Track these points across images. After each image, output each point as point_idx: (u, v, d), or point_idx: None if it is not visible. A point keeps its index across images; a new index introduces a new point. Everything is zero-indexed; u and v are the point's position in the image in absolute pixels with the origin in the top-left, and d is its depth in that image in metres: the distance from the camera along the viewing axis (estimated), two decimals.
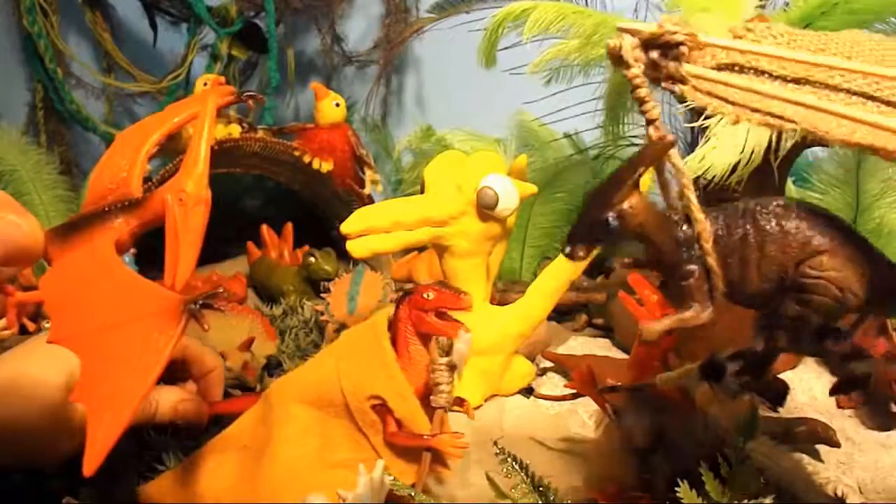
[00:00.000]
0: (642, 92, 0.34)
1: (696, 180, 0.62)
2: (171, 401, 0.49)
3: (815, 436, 0.55)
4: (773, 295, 0.38)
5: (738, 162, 0.60)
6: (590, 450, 0.55)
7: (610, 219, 0.36)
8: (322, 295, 0.77)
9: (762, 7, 0.68)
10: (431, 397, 0.44)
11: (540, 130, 1.03)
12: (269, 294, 0.89)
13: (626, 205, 0.36)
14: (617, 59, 0.33)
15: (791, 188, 0.80)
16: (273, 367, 0.69)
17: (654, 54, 0.32)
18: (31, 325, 0.79)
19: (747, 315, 0.65)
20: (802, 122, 0.31)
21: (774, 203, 0.38)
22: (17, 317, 0.74)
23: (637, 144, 0.94)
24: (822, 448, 0.56)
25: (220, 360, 0.55)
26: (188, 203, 0.38)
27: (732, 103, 0.32)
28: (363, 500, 0.40)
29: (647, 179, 0.59)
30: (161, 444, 0.51)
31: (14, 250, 0.35)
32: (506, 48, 0.75)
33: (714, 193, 0.64)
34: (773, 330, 0.41)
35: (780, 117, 0.31)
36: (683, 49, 0.32)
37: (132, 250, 0.79)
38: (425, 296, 0.44)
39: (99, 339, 0.35)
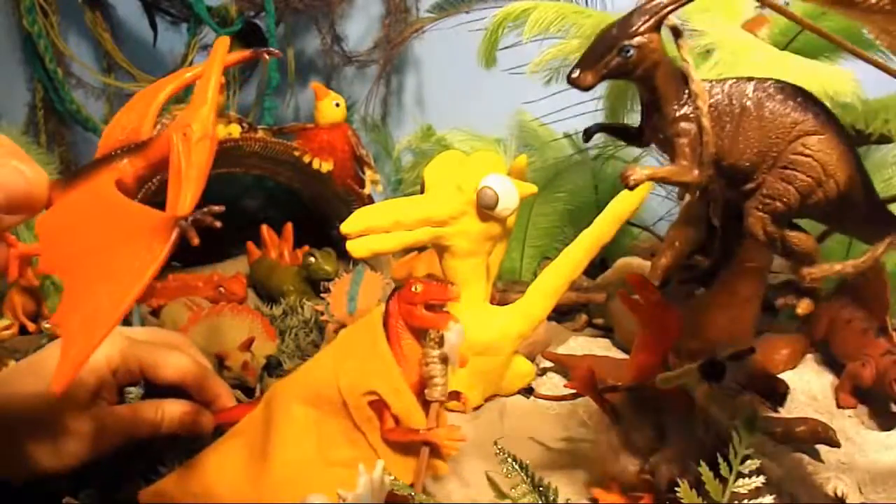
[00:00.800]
0: None
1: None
2: (176, 413, 0.49)
3: (815, 436, 0.55)
4: (757, 169, 0.39)
5: None
6: (590, 450, 0.55)
7: (630, 46, 0.36)
8: (322, 295, 0.77)
9: (762, 7, 0.68)
10: (426, 391, 0.44)
11: (540, 130, 1.03)
12: (269, 294, 0.89)
13: (647, 37, 0.36)
14: None
15: None
16: (273, 367, 0.68)
17: None
18: (30, 326, 0.79)
19: (745, 314, 0.66)
20: None
21: (776, 82, 0.39)
22: (18, 270, 0.72)
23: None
24: (822, 448, 0.56)
25: (224, 385, 0.54)
26: (192, 138, 0.37)
27: None
28: (363, 500, 0.40)
29: (647, 186, 0.59)
30: (162, 446, 0.51)
31: (18, 197, 0.34)
32: (506, 48, 0.75)
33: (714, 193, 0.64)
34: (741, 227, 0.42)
35: None
36: None
37: None
38: (413, 289, 0.44)
39: (86, 262, 0.34)
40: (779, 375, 0.64)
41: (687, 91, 0.39)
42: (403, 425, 0.44)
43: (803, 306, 0.43)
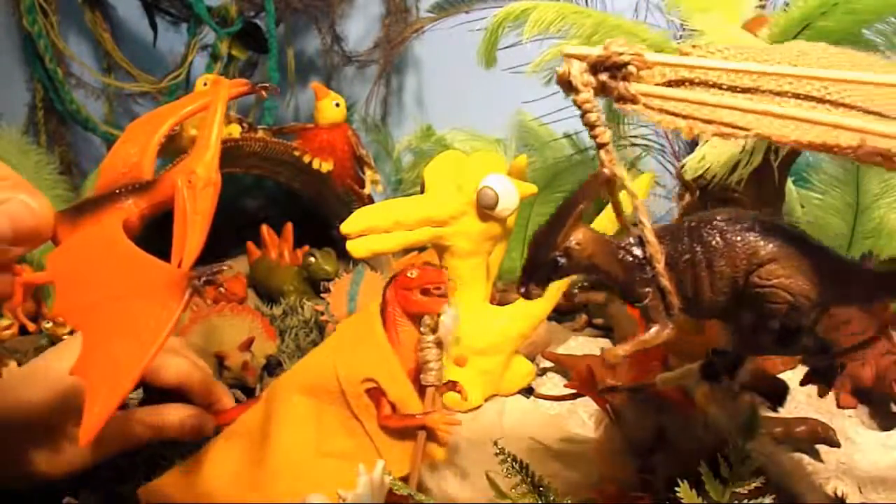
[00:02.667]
0: (592, 117, 0.34)
1: (696, 180, 0.63)
2: (177, 417, 0.49)
3: (815, 436, 0.55)
4: (729, 306, 0.39)
5: (739, 162, 0.60)
6: (590, 450, 0.55)
7: (558, 258, 0.37)
8: (322, 295, 0.77)
9: (762, 7, 0.68)
10: (421, 376, 0.44)
11: (540, 130, 1.03)
12: (269, 294, 0.89)
13: (571, 242, 0.37)
14: (566, 85, 0.33)
15: (791, 188, 0.80)
16: (273, 367, 0.69)
17: (604, 76, 0.33)
18: (31, 326, 0.79)
19: None
20: (755, 129, 0.31)
21: (717, 217, 0.38)
22: (23, 296, 0.73)
23: (637, 144, 0.94)
24: (822, 448, 0.56)
25: (224, 389, 0.54)
26: (197, 185, 0.37)
27: (684, 117, 0.32)
28: (363, 500, 0.40)
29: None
30: (162, 445, 0.51)
31: (25, 230, 0.35)
32: (506, 48, 0.75)
33: (714, 193, 0.64)
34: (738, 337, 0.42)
35: (732, 126, 0.31)
36: (631, 69, 0.32)
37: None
38: (409, 274, 0.45)
39: (101, 313, 0.35)
40: (779, 375, 0.64)
41: (639, 255, 0.38)
42: (400, 411, 0.44)
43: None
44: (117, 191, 0.39)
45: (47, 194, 0.91)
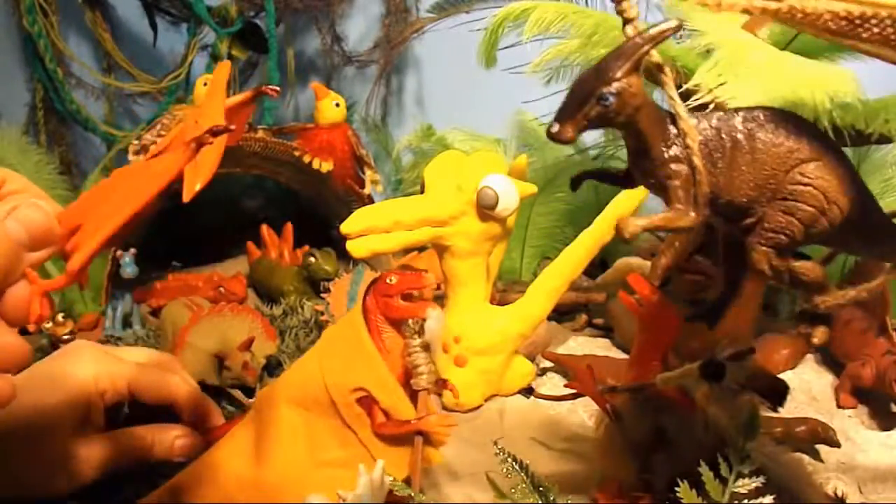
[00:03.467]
0: None
1: None
2: (168, 438, 0.49)
3: (815, 436, 0.55)
4: (757, 203, 0.38)
5: None
6: (590, 450, 0.55)
7: (609, 94, 0.34)
8: (322, 295, 0.77)
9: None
10: (412, 381, 0.44)
11: (540, 130, 1.03)
12: (269, 294, 0.89)
13: (625, 82, 0.34)
14: None
15: None
16: (273, 367, 0.69)
17: None
18: (31, 326, 0.79)
19: (745, 314, 0.66)
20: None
21: (767, 111, 0.37)
22: (48, 307, 0.73)
23: None
24: (822, 448, 0.56)
25: (210, 403, 0.54)
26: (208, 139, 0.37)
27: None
28: (363, 500, 0.40)
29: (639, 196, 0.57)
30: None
31: (41, 234, 0.35)
32: (506, 48, 0.75)
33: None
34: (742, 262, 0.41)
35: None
36: None
37: (132, 250, 0.80)
38: (388, 281, 0.44)
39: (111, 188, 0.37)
40: (779, 375, 0.64)
41: (674, 130, 0.37)
42: (393, 418, 0.44)
43: (819, 335, 0.42)
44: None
45: (47, 194, 0.92)
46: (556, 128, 0.35)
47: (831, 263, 0.47)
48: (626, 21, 0.35)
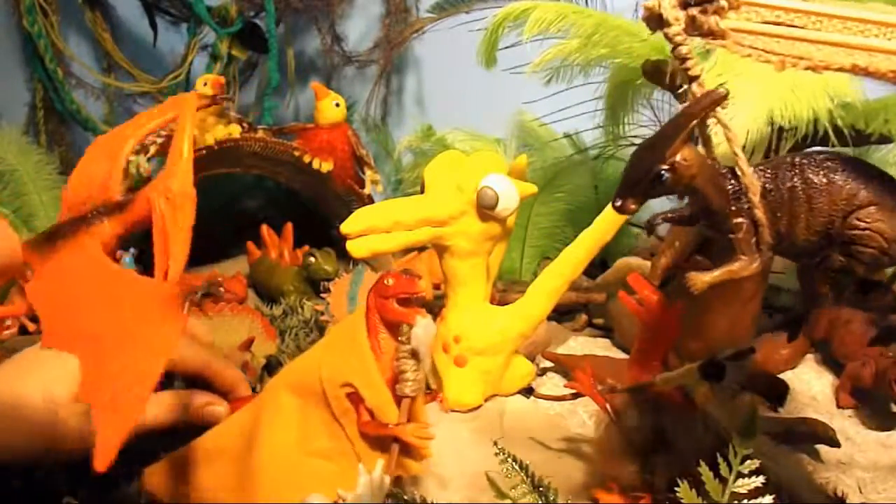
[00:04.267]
0: (684, 49, 0.34)
1: None
2: (196, 403, 0.49)
3: (815, 436, 0.55)
4: (818, 247, 0.39)
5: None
6: (590, 450, 0.55)
7: (663, 171, 0.36)
8: (322, 295, 0.77)
9: None
10: (396, 386, 0.44)
11: (540, 130, 1.03)
12: (269, 294, 0.89)
13: (679, 157, 0.36)
14: (656, 18, 0.33)
15: None
16: (273, 367, 0.68)
17: (694, 11, 0.33)
18: (31, 326, 0.79)
19: (745, 314, 0.66)
20: (852, 61, 0.31)
21: (822, 156, 0.38)
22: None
23: (637, 144, 0.94)
24: (822, 448, 0.56)
25: (240, 375, 0.55)
26: (175, 200, 0.37)
27: (776, 53, 0.32)
28: (363, 500, 0.40)
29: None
30: (160, 446, 0.51)
31: (4, 262, 0.35)
32: (506, 48, 0.75)
33: None
34: (816, 285, 0.41)
35: (827, 62, 0.31)
36: (723, 3, 0.32)
37: (132, 250, 0.80)
38: (386, 282, 0.44)
39: (97, 338, 0.35)
40: (779, 375, 0.64)
41: (735, 185, 0.38)
42: (377, 419, 0.44)
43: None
44: (90, 213, 0.39)
45: (47, 194, 0.92)
46: (618, 202, 0.37)
47: None
48: (692, 79, 0.36)
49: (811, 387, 0.67)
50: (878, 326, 0.48)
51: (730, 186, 0.38)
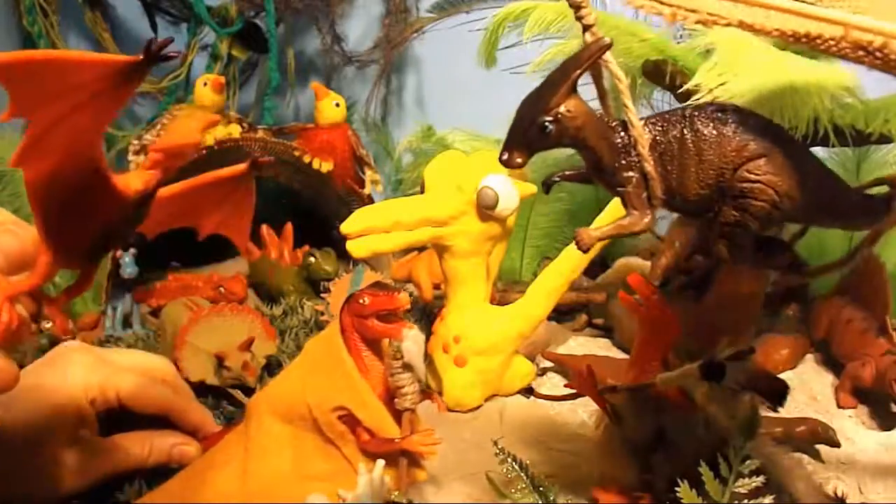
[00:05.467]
0: None
1: None
2: (164, 445, 0.49)
3: (815, 436, 0.55)
4: (711, 201, 0.38)
5: None
6: (590, 450, 0.55)
7: (546, 122, 0.35)
8: (322, 295, 0.77)
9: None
10: (396, 401, 0.44)
11: None
12: (269, 294, 0.89)
13: (563, 108, 0.35)
14: None
15: None
16: (273, 367, 0.68)
17: None
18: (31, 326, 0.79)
19: (745, 314, 0.66)
20: (737, 16, 0.31)
21: (712, 108, 0.38)
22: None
23: None
24: (822, 448, 0.56)
25: (205, 412, 0.54)
26: None
27: (668, 5, 0.32)
28: (363, 500, 0.40)
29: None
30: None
31: (17, 258, 0.35)
32: (506, 48, 0.75)
33: None
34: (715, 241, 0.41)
35: (716, 14, 0.31)
36: None
37: (132, 250, 0.80)
38: (361, 301, 0.43)
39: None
40: (779, 375, 0.64)
41: (623, 138, 0.38)
42: (378, 436, 0.44)
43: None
44: None
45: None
46: (505, 156, 0.37)
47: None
48: (585, 28, 0.35)
49: (811, 387, 0.67)
50: (783, 287, 0.47)
51: (619, 140, 0.37)
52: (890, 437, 0.58)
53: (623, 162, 0.38)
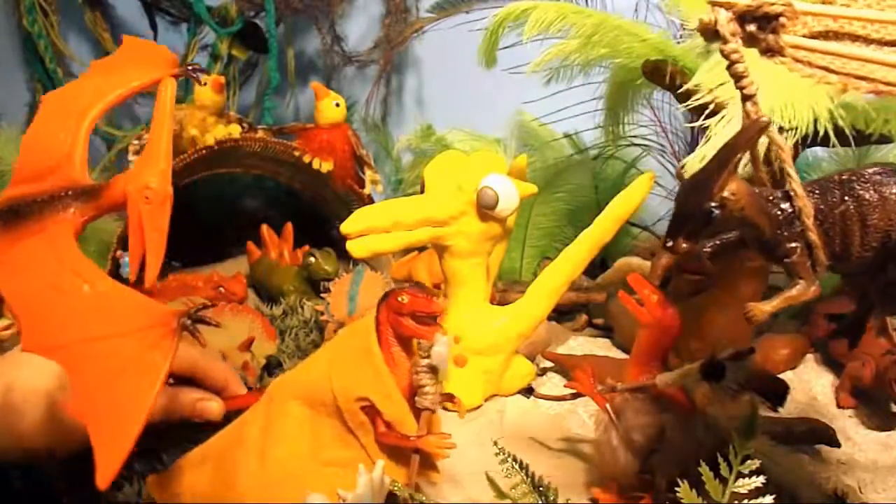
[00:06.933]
0: (740, 67, 0.33)
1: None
2: (188, 399, 0.49)
3: (815, 436, 0.55)
4: (875, 262, 0.38)
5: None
6: (590, 450, 0.55)
7: (713, 208, 0.35)
8: (322, 295, 0.77)
9: None
10: (416, 398, 0.44)
11: (540, 130, 1.03)
12: (269, 294, 0.89)
13: (727, 192, 0.35)
14: (711, 33, 0.32)
15: None
16: (273, 367, 0.68)
17: (752, 27, 0.32)
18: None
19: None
20: None
21: (871, 171, 0.37)
22: None
23: (637, 144, 0.94)
24: (822, 448, 0.56)
25: (231, 373, 0.54)
26: (154, 201, 0.36)
27: (835, 72, 0.31)
28: (363, 500, 0.40)
29: (647, 186, 0.57)
30: (160, 446, 0.51)
31: None
32: (506, 48, 0.75)
33: None
34: (868, 294, 0.41)
35: (890, 83, 0.30)
36: (783, 20, 0.31)
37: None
38: (400, 299, 0.44)
39: (86, 352, 0.33)
40: (779, 375, 0.64)
41: (786, 209, 0.37)
42: (396, 430, 0.44)
43: None
44: (57, 195, 0.36)
45: None
46: (670, 244, 0.36)
47: None
48: (746, 98, 0.35)
49: (811, 387, 0.67)
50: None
51: (779, 212, 0.37)
52: (890, 437, 0.58)
53: (786, 233, 0.37)
